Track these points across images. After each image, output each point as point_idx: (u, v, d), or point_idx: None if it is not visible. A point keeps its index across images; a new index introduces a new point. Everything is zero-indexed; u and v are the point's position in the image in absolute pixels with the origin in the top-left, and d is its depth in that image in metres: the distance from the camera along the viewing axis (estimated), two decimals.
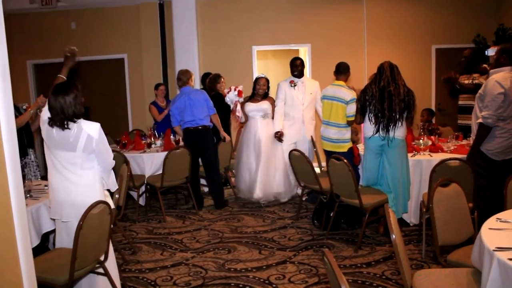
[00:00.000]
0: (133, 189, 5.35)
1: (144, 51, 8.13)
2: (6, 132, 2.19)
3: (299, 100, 5.82)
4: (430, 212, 2.82)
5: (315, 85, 5.94)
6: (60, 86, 3.02)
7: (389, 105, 4.12)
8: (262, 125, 5.87)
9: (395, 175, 4.23)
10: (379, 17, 7.95)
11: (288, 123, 5.87)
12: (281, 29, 7.97)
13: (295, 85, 5.82)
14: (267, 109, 5.87)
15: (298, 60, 5.87)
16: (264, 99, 5.92)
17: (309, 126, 5.89)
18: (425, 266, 3.68)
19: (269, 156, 5.80)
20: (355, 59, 7.77)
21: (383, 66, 4.24)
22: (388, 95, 4.12)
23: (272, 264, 3.92)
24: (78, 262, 2.72)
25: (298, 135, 5.86)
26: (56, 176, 3.02)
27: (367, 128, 4.31)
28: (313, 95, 5.85)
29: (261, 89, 5.90)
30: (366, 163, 4.44)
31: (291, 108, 5.85)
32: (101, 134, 2.99)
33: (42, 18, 8.12)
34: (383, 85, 4.15)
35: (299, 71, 5.82)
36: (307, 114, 5.87)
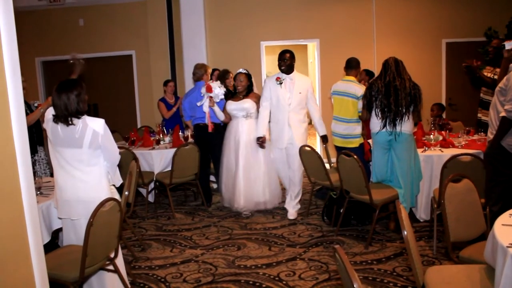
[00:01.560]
0: (142, 186, 5.36)
1: (152, 48, 8.14)
2: (17, 129, 2.19)
3: (285, 100, 4.98)
4: (442, 208, 2.78)
5: (306, 83, 5.07)
6: (63, 83, 3.01)
7: (395, 99, 4.08)
8: (244, 126, 5.25)
9: (403, 170, 4.20)
10: (389, 11, 7.87)
11: (273, 126, 5.16)
12: (290, 24, 7.93)
13: (281, 82, 5.01)
14: (249, 108, 5.24)
15: (286, 53, 5.01)
16: (247, 96, 5.29)
17: (297, 130, 5.01)
18: (437, 263, 3.65)
19: (250, 161, 5.20)
20: (364, 54, 7.70)
21: (388, 61, 4.22)
22: (394, 90, 4.09)
23: (282, 260, 3.91)
24: (88, 259, 2.73)
25: (284, 140, 5.04)
26: (62, 174, 3.02)
27: (374, 124, 4.28)
28: (303, 95, 4.99)
29: (239, 86, 5.28)
30: (374, 158, 4.41)
31: (276, 109, 5.06)
32: (106, 129, 2.99)
33: (51, 15, 8.16)
34: (388, 80, 4.12)
35: (286, 65, 4.98)
36: (294, 116, 4.99)
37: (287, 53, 5.00)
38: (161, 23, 8.00)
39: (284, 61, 4.97)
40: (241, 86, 5.28)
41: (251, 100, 5.26)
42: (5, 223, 2.14)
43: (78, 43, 8.06)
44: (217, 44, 7.93)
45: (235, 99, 5.35)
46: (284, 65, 4.97)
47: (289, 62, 4.96)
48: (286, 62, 4.96)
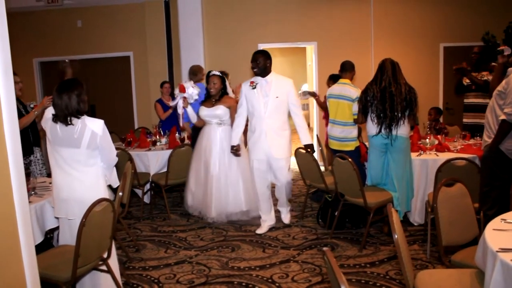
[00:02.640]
0: (138, 187, 5.36)
1: (149, 49, 8.15)
2: (9, 130, 2.20)
3: (260, 106, 4.45)
4: (435, 212, 2.79)
5: (285, 86, 4.49)
6: (63, 83, 3.04)
7: (390, 105, 4.08)
8: (217, 133, 4.88)
9: (399, 174, 4.20)
10: (386, 15, 7.90)
11: (250, 134, 4.63)
12: (287, 27, 7.94)
13: (255, 87, 4.48)
14: (221, 115, 4.84)
15: (259, 55, 4.49)
16: (219, 101, 4.86)
17: (275, 140, 4.46)
18: (430, 267, 3.65)
19: (222, 170, 4.84)
20: (362, 57, 7.75)
21: (385, 64, 4.21)
22: (390, 96, 4.09)
23: (275, 263, 3.91)
24: (81, 259, 2.73)
25: (260, 151, 4.51)
26: (59, 174, 3.04)
27: (370, 127, 4.28)
28: (281, 99, 4.43)
29: (212, 89, 4.84)
30: (370, 161, 4.41)
31: (252, 116, 4.56)
32: (104, 130, 3.01)
33: (48, 16, 8.17)
34: (384, 85, 4.11)
35: (259, 68, 4.45)
36: (272, 123, 4.44)
37: (259, 55, 4.49)
38: (159, 25, 8.01)
39: (256, 63, 4.46)
40: (214, 89, 4.85)
41: (224, 106, 4.84)
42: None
43: (76, 44, 8.07)
44: (215, 46, 7.94)
45: (207, 104, 4.93)
46: (256, 67, 4.47)
47: (262, 64, 4.44)
48: (259, 64, 4.45)
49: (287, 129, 4.58)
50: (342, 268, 3.72)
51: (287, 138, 4.57)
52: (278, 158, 4.49)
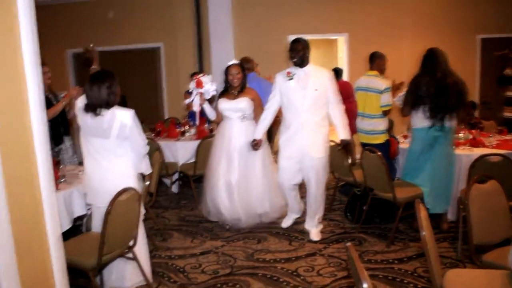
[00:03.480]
0: (166, 177, 5.41)
1: (180, 40, 8.17)
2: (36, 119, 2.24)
3: (297, 99, 4.09)
4: (466, 209, 2.69)
5: (324, 78, 4.12)
6: (97, 74, 3.11)
7: (446, 97, 3.90)
8: (240, 129, 4.47)
9: (442, 167, 4.04)
10: (421, 5, 7.66)
11: (284, 130, 4.26)
12: (317, 18, 7.80)
13: (292, 78, 4.12)
14: (245, 109, 4.45)
15: (298, 43, 4.10)
16: (242, 93, 4.48)
17: (313, 136, 4.10)
18: (460, 265, 3.54)
19: (247, 169, 4.47)
20: (395, 50, 7.53)
21: (436, 54, 3.98)
22: (445, 88, 3.89)
23: (301, 256, 3.88)
24: (106, 246, 2.77)
25: (294, 148, 4.15)
26: (91, 163, 3.10)
27: (419, 120, 4.07)
28: (320, 92, 4.06)
29: (235, 80, 4.44)
30: (412, 155, 4.20)
31: (287, 110, 4.20)
32: (134, 120, 3.03)
33: (81, 8, 8.30)
34: (440, 76, 3.91)
35: (299, 57, 4.08)
36: (310, 118, 4.08)
37: (299, 42, 4.11)
38: (189, 16, 8.01)
39: (296, 52, 4.07)
40: (237, 80, 4.44)
41: (248, 98, 4.46)
42: (23, 211, 2.19)
43: (108, 35, 8.18)
44: (244, 37, 7.88)
45: (228, 96, 4.52)
46: (296, 56, 4.07)
47: (302, 53, 4.06)
48: (299, 53, 4.06)
49: (326, 125, 4.18)
50: (369, 264, 3.66)
51: (325, 135, 4.18)
52: (314, 157, 4.09)
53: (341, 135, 4.22)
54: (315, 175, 4.14)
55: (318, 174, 4.15)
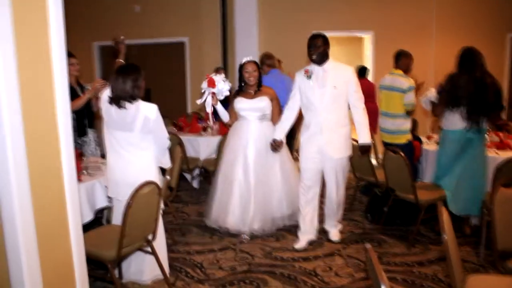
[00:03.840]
0: (187, 172, 5.43)
1: (205, 35, 8.19)
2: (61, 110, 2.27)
3: (315, 98, 3.87)
4: (491, 214, 2.63)
5: (345, 74, 3.90)
6: (123, 67, 3.15)
7: (485, 99, 3.80)
8: (259, 130, 4.25)
9: (472, 169, 3.95)
10: (449, 3, 7.48)
11: (304, 130, 4.05)
12: (343, 15, 7.71)
13: (310, 76, 3.91)
14: (265, 108, 4.25)
15: (317, 38, 3.87)
16: (260, 92, 4.28)
17: (333, 136, 3.89)
18: (482, 271, 3.46)
19: (265, 173, 4.25)
20: (422, 49, 7.42)
21: (474, 53, 3.88)
22: (484, 88, 3.79)
23: (319, 255, 3.85)
24: (126, 239, 2.80)
25: (313, 149, 3.95)
26: (114, 156, 3.13)
27: (453, 121, 3.96)
28: (340, 90, 3.84)
29: (251, 77, 4.21)
30: (444, 158, 4.09)
31: (306, 110, 4.01)
32: (157, 115, 3.05)
33: (108, 1, 8.39)
34: (479, 76, 3.81)
35: (318, 54, 3.85)
36: (330, 118, 3.87)
37: (318, 38, 3.87)
38: (215, 11, 8.01)
39: (316, 48, 3.85)
40: (253, 78, 4.22)
41: (268, 98, 4.26)
42: (46, 202, 2.22)
43: (134, 29, 8.24)
44: (269, 33, 7.85)
45: (245, 95, 4.29)
46: (315, 53, 3.85)
47: (322, 50, 3.85)
48: (319, 49, 3.84)
49: (346, 125, 3.97)
50: (388, 266, 3.61)
51: (346, 135, 3.97)
52: (334, 158, 3.91)
53: (360, 138, 4.00)
54: (334, 176, 3.98)
55: (338, 175, 3.99)
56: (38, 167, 2.15)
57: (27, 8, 2.07)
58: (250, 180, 4.22)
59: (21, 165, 2.04)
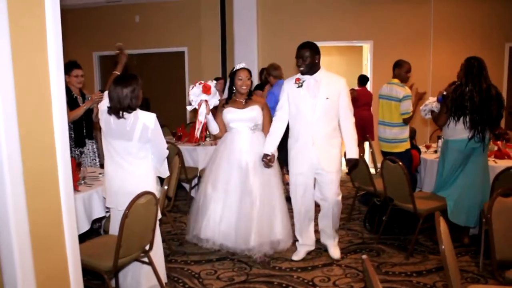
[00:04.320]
0: (186, 181, 5.43)
1: (204, 45, 8.23)
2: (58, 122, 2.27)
3: (307, 108, 3.68)
4: (488, 223, 2.62)
5: (337, 85, 3.71)
6: (121, 77, 3.16)
7: (490, 109, 3.83)
8: (252, 141, 3.89)
9: (474, 179, 3.94)
10: (447, 13, 7.52)
11: (292, 143, 3.84)
12: (342, 24, 7.76)
13: (301, 85, 3.71)
14: (257, 118, 3.91)
15: (305, 49, 3.67)
16: (250, 100, 3.95)
17: (325, 150, 3.71)
18: (481, 281, 3.43)
19: (263, 188, 3.85)
20: (420, 58, 7.45)
21: (481, 64, 3.90)
22: (490, 99, 3.82)
23: (318, 265, 3.83)
24: (122, 250, 2.78)
25: (305, 163, 3.75)
26: (112, 166, 3.12)
27: (457, 131, 3.96)
28: (332, 101, 3.65)
29: (244, 86, 3.87)
30: (447, 168, 4.06)
31: (295, 121, 3.78)
32: (156, 124, 3.05)
33: (108, 11, 8.46)
34: (486, 87, 3.83)
35: (306, 65, 3.67)
36: (321, 130, 3.69)
37: (305, 49, 3.67)
38: (214, 20, 8.07)
39: (304, 59, 3.66)
40: (246, 86, 3.88)
41: (259, 107, 3.94)
42: (42, 212, 2.21)
43: (133, 39, 8.30)
44: (269, 43, 7.89)
45: (235, 105, 3.94)
46: (302, 65, 3.68)
47: (309, 61, 3.65)
48: (306, 61, 3.65)
49: (337, 137, 3.80)
50: (387, 276, 3.59)
51: (338, 148, 3.80)
52: (328, 172, 3.73)
53: (348, 152, 3.81)
54: (328, 190, 3.78)
55: (332, 188, 3.78)
56: (34, 176, 2.14)
57: (24, 18, 2.07)
58: (248, 197, 3.81)
59: (17, 174, 2.03)
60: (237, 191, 3.83)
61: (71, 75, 4.27)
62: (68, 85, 4.30)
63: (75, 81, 4.32)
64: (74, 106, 4.25)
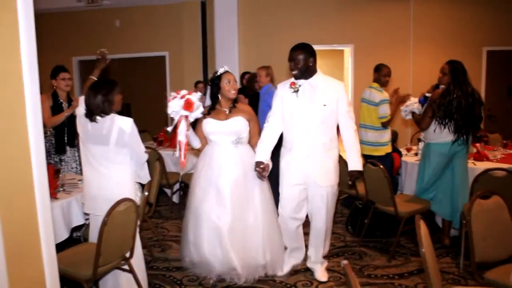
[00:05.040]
0: (167, 187, 5.38)
1: (185, 49, 8.20)
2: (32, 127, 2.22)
3: (303, 116, 3.35)
4: (467, 225, 2.65)
5: (336, 90, 3.37)
6: (96, 82, 3.15)
7: (472, 113, 3.93)
8: (234, 156, 3.47)
9: (459, 181, 4.04)
10: (427, 17, 7.63)
11: (285, 152, 3.51)
12: (324, 29, 7.79)
13: (297, 89, 3.37)
14: (241, 131, 3.49)
15: (297, 51, 3.34)
16: (235, 110, 3.52)
17: (321, 161, 3.38)
18: (462, 282, 3.47)
19: (243, 208, 3.44)
20: (401, 61, 7.53)
21: (464, 68, 4.01)
22: (473, 103, 3.91)
23: (300, 269, 3.81)
24: (102, 258, 2.73)
25: (298, 175, 3.42)
26: (89, 171, 3.09)
27: (441, 134, 4.01)
28: (329, 108, 3.33)
29: (233, 90, 3.47)
30: (429, 171, 4.11)
31: (289, 129, 3.45)
32: (133, 128, 3.02)
33: (88, 16, 8.37)
34: (471, 91, 3.93)
35: (299, 69, 3.32)
36: (318, 140, 3.36)
37: (299, 51, 3.34)
38: (195, 25, 8.05)
39: (296, 63, 3.33)
40: (235, 90, 3.50)
41: (244, 118, 3.50)
42: (17, 220, 2.16)
43: (114, 43, 8.22)
44: (250, 48, 7.89)
45: (216, 115, 3.50)
46: (295, 69, 3.34)
47: (302, 64, 3.31)
48: (298, 65, 3.32)
49: (335, 148, 3.46)
50: (369, 278, 3.60)
51: (335, 160, 3.45)
52: (323, 186, 3.39)
53: (351, 163, 3.44)
54: (323, 206, 3.45)
55: (327, 205, 3.46)
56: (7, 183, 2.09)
57: None
58: (225, 218, 3.40)
59: None
60: (211, 212, 3.42)
61: (58, 79, 4.25)
62: (56, 89, 4.28)
63: (63, 84, 4.29)
64: (58, 112, 4.19)
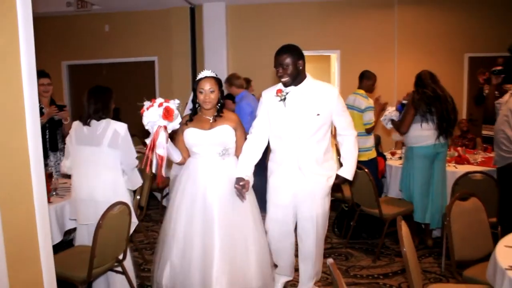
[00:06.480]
0: (157, 190, 5.45)
1: (174, 54, 8.25)
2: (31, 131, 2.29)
3: (293, 127, 2.98)
4: (447, 226, 2.78)
5: (329, 97, 2.99)
6: (93, 88, 3.27)
7: (450, 113, 4.16)
8: (220, 170, 2.97)
9: (439, 182, 4.25)
10: (411, 24, 7.80)
11: (273, 167, 3.14)
12: (311, 34, 7.91)
13: (285, 97, 2.99)
14: (227, 141, 3.01)
15: (284, 55, 2.97)
16: (220, 118, 3.01)
17: (313, 176, 3.02)
18: (444, 280, 3.61)
19: (232, 228, 2.91)
20: (385, 67, 7.68)
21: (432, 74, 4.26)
22: (444, 101, 4.14)
23: None
24: (96, 260, 2.81)
25: (288, 192, 3.06)
26: (79, 174, 3.17)
27: (422, 137, 4.20)
28: (323, 117, 2.98)
29: (206, 100, 2.92)
30: (417, 173, 4.23)
31: (277, 141, 3.09)
32: (127, 133, 3.16)
33: (77, 20, 8.37)
34: (443, 94, 4.16)
35: (289, 74, 2.94)
36: (309, 153, 3.00)
37: (286, 54, 2.97)
38: (184, 31, 8.11)
39: (284, 68, 2.94)
40: (209, 102, 2.94)
41: (230, 126, 3.01)
42: (16, 224, 2.22)
43: (103, 48, 8.27)
44: (239, 53, 7.99)
45: (199, 124, 3.01)
46: (283, 75, 2.95)
47: (291, 70, 2.94)
48: (287, 70, 2.94)
49: (328, 159, 3.10)
50: (355, 278, 3.72)
51: (329, 173, 3.08)
52: (314, 205, 3.07)
53: (343, 169, 3.12)
54: (314, 226, 3.10)
55: (318, 225, 3.11)
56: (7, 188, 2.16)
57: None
58: (214, 240, 2.85)
59: None
60: (199, 234, 2.89)
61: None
62: None
63: (40, 89, 4.28)
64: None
